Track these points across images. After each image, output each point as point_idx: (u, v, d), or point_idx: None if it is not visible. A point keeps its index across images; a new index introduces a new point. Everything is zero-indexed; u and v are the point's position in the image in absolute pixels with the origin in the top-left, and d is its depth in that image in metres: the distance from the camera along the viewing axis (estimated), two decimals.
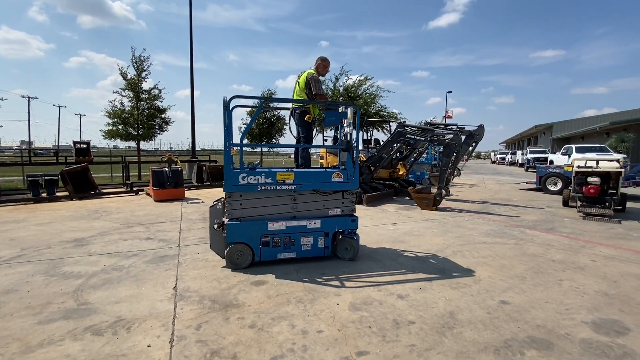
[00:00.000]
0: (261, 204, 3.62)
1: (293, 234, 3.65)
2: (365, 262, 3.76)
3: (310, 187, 3.68)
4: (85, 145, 10.09)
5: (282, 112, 18.44)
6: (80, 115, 56.43)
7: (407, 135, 8.31)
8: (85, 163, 8.99)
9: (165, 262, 3.74)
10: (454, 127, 8.23)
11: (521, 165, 29.55)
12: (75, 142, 9.97)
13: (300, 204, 3.72)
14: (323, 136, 9.85)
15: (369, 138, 11.46)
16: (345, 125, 4.03)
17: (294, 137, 4.92)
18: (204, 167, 11.36)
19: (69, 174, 8.15)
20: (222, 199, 3.70)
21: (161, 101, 13.87)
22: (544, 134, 40.24)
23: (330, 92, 15.89)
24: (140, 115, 13.21)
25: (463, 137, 7.91)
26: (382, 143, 10.19)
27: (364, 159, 9.08)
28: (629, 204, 7.88)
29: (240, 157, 3.55)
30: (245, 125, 17.86)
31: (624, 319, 2.56)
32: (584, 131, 28.23)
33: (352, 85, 16.10)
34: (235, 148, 3.74)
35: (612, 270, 3.64)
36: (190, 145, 13.95)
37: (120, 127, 12.98)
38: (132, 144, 14.10)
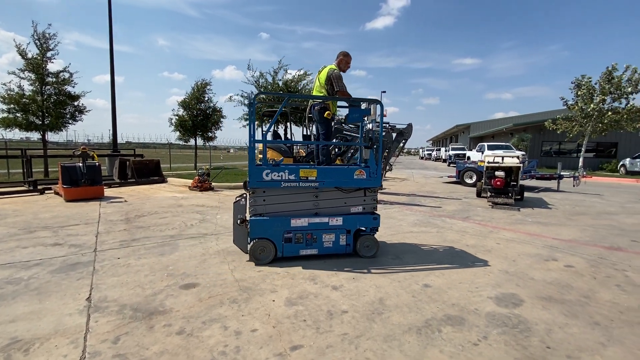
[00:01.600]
0: (284, 200, 3.63)
1: (315, 230, 3.65)
2: (298, 257, 3.79)
3: (333, 185, 3.67)
4: None
5: (219, 104, 17.59)
6: None
7: (344, 132, 8.56)
8: None
9: (77, 270, 3.31)
10: (386, 126, 8.71)
11: (444, 161, 32.72)
12: None
13: (322, 201, 3.71)
14: (262, 130, 9.62)
15: (309, 134, 11.57)
16: (368, 122, 3.94)
17: (313, 134, 4.68)
18: (127, 162, 10.30)
19: None
20: (245, 195, 3.71)
21: (73, 86, 12.15)
22: (463, 132, 45.06)
23: (269, 87, 15.58)
24: (46, 102, 11.38)
25: (394, 135, 8.44)
26: None
27: (304, 154, 9.14)
28: (525, 194, 9.25)
29: (264, 153, 3.63)
30: (177, 117, 16.61)
31: (520, 292, 3.01)
32: (494, 131, 32.30)
33: (291, 79, 16.01)
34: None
35: (512, 251, 4.24)
36: (112, 137, 12.49)
37: (19, 114, 11.02)
38: (37, 135, 12.12)
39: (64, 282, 3.01)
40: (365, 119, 4.08)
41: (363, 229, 3.89)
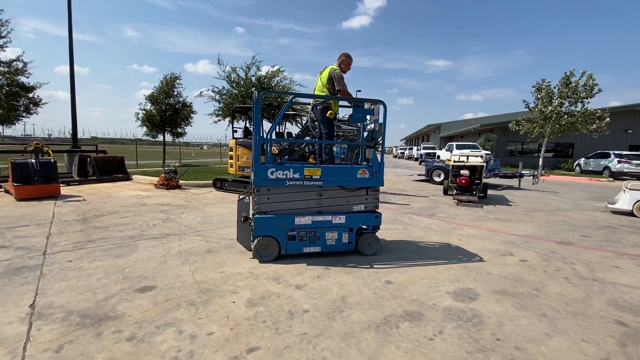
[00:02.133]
0: (288, 198, 3.66)
1: (318, 228, 3.69)
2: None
3: (337, 183, 3.72)
4: None
5: (189, 99, 17.03)
6: None
7: (316, 130, 8.55)
8: None
9: (22, 274, 3.07)
10: (358, 124, 8.80)
11: (416, 159, 33.60)
12: None
13: (325, 200, 3.76)
14: (232, 127, 9.40)
15: (282, 131, 11.47)
16: (370, 122, 3.92)
17: (314, 133, 4.61)
18: (88, 159, 9.73)
19: None
20: (248, 193, 3.75)
21: (27, 77, 11.28)
22: (434, 132, 46.48)
23: (241, 82, 15.26)
24: None
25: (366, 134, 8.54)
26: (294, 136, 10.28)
27: (276, 152, 9.03)
28: (489, 192, 9.67)
29: (269, 151, 3.70)
30: (144, 112, 15.88)
31: (476, 286, 3.13)
32: (463, 131, 33.56)
33: (264, 76, 15.76)
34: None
35: (472, 246, 4.41)
36: (72, 132, 11.72)
37: None
38: None
39: (6, 288, 2.78)
40: (368, 118, 4.11)
41: (365, 227, 3.94)
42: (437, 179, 12.12)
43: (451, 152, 17.93)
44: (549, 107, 17.42)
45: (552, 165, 24.61)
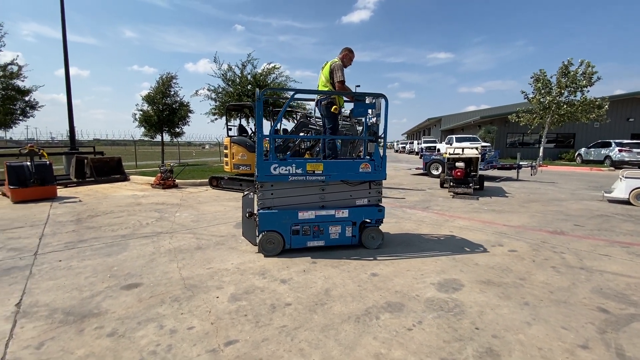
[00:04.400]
0: (291, 193, 3.70)
1: (322, 222, 3.73)
2: (250, 252, 3.76)
3: (339, 178, 3.74)
4: None
5: (186, 98, 17.03)
6: None
7: (310, 126, 8.54)
8: None
9: (12, 274, 3.11)
10: (351, 119, 8.77)
11: (417, 153, 33.49)
12: None
13: (328, 194, 3.79)
14: (227, 125, 9.40)
15: (278, 128, 11.48)
16: (372, 116, 3.93)
17: (318, 128, 4.57)
18: (85, 160, 9.79)
19: None
20: (253, 189, 3.77)
21: (22, 80, 11.34)
22: (435, 125, 46.25)
23: (237, 80, 15.25)
24: None
25: (360, 129, 8.52)
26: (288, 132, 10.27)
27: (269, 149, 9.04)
28: (486, 184, 9.65)
29: (272, 148, 3.75)
30: (141, 113, 15.93)
31: (462, 277, 3.13)
32: (463, 124, 33.38)
33: (260, 73, 15.72)
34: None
35: (463, 238, 4.40)
36: (69, 134, 11.77)
37: None
38: None
39: None
40: (370, 112, 4.09)
41: (368, 220, 3.95)
42: (435, 172, 12.09)
43: (451, 145, 17.86)
44: (548, 98, 17.28)
45: (553, 156, 24.46)
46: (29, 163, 6.95)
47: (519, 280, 3.08)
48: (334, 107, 4.25)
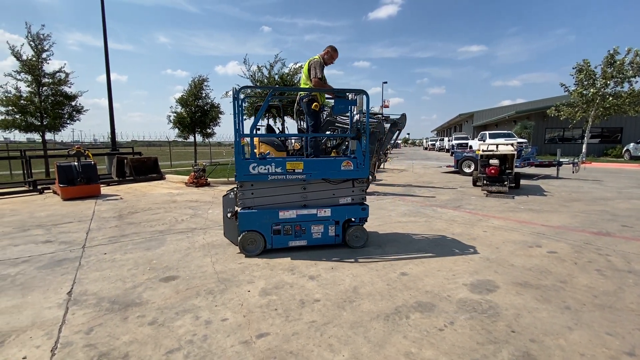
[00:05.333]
0: (272, 193, 3.67)
1: (304, 222, 3.70)
2: (287, 249, 3.83)
3: (320, 176, 3.69)
4: None
5: (216, 100, 17.59)
6: None
7: (337, 124, 8.54)
8: None
9: (63, 265, 3.39)
10: (378, 116, 8.67)
11: (447, 150, 32.45)
12: None
13: (310, 193, 3.75)
14: (255, 125, 9.61)
15: (301, 127, 11.59)
16: (355, 113, 3.94)
17: (303, 127, 4.71)
18: (125, 160, 10.42)
19: None
20: (235, 189, 3.73)
21: (69, 86, 12.23)
22: (466, 122, 44.57)
23: (265, 80, 15.54)
24: (44, 103, 11.50)
25: (387, 126, 8.40)
26: None
27: (298, 147, 9.14)
28: (523, 182, 9.18)
29: (251, 147, 3.79)
30: (175, 115, 16.67)
31: (497, 278, 3.02)
32: (497, 119, 31.90)
33: (287, 73, 15.93)
34: (245, 139, 3.74)
35: (497, 238, 4.23)
36: (110, 136, 12.58)
37: (17, 116, 11.15)
38: (38, 136, 12.27)
39: (48, 278, 3.09)
40: (353, 109, 4.06)
41: (353, 219, 3.91)
42: (467, 170, 11.68)
43: (484, 142, 17.15)
44: (591, 90, 16.10)
45: (598, 152, 22.79)
46: (76, 163, 7.51)
47: (559, 283, 2.92)
48: (314, 104, 4.21)
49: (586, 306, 2.50)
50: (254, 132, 4.10)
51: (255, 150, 9.59)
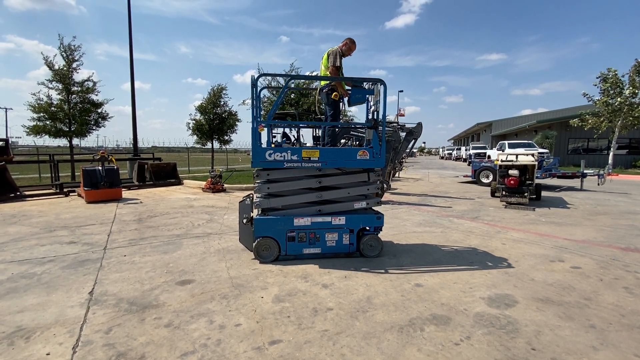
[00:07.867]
0: (287, 186, 3.64)
1: (318, 229, 3.69)
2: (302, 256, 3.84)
3: (335, 165, 3.66)
4: (2, 143, 9.02)
5: (234, 108, 17.95)
6: (6, 109, 49.95)
7: (352, 133, 8.56)
8: (3, 163, 8.04)
9: (86, 266, 3.51)
10: (394, 125, 8.63)
11: (465, 160, 31.82)
12: None
13: (325, 191, 3.72)
14: (272, 132, 9.77)
15: (316, 135, 11.69)
16: (372, 103, 3.92)
17: (320, 116, 4.75)
18: (145, 166, 10.74)
19: None
20: (251, 195, 3.79)
21: (96, 94, 12.79)
22: (485, 131, 43.67)
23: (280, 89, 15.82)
24: (72, 110, 12.07)
25: (403, 134, 8.35)
26: None
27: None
28: (545, 193, 8.89)
29: (268, 135, 3.81)
30: (194, 122, 17.11)
31: (516, 293, 2.92)
32: (517, 129, 31.11)
33: (303, 82, 16.15)
34: (263, 125, 3.82)
35: (516, 251, 4.10)
36: (132, 142, 13.05)
37: (48, 122, 11.74)
38: (65, 142, 12.87)
39: (71, 277, 3.20)
40: (370, 99, 4.04)
41: (367, 228, 3.88)
42: (485, 180, 11.42)
43: (503, 152, 16.74)
44: (618, 99, 15.52)
45: (625, 164, 21.81)
46: (100, 168, 7.81)
47: (583, 300, 2.79)
48: (334, 93, 4.20)
49: (613, 325, 2.39)
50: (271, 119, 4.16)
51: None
